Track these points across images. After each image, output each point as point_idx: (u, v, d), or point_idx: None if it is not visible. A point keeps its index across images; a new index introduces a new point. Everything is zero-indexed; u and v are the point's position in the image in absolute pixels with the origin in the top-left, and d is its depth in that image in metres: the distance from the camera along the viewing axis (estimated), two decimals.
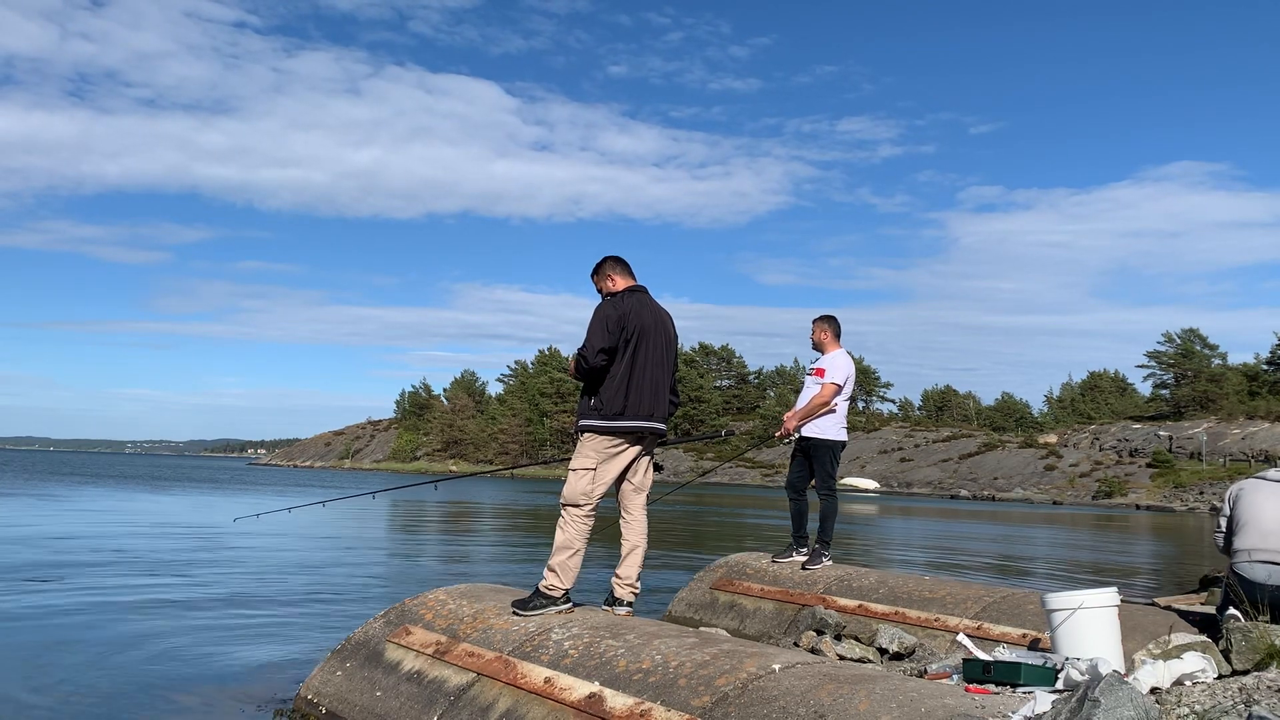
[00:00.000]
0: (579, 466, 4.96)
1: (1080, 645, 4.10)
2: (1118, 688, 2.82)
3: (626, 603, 5.11)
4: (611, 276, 5.20)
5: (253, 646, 6.77)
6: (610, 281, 5.19)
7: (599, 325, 4.93)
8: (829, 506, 7.51)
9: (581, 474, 4.94)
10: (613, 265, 5.23)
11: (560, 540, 4.90)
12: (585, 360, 4.92)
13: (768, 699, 3.41)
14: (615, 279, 5.19)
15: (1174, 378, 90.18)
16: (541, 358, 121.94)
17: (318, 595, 9.43)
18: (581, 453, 4.97)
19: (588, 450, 4.96)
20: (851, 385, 7.69)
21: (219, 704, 5.28)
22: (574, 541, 4.90)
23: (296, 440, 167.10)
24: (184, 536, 15.70)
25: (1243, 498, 5.21)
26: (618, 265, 5.23)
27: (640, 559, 5.15)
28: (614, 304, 5.01)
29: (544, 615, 4.72)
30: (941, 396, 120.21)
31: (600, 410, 4.93)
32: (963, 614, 5.99)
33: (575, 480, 4.94)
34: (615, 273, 5.20)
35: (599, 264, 5.25)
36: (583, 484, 4.92)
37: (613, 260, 5.25)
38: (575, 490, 4.92)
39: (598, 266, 5.25)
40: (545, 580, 4.87)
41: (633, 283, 5.20)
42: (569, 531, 4.91)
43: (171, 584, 9.70)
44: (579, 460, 4.97)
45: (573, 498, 4.92)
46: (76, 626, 7.24)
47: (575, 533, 4.91)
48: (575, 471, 4.95)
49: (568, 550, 4.89)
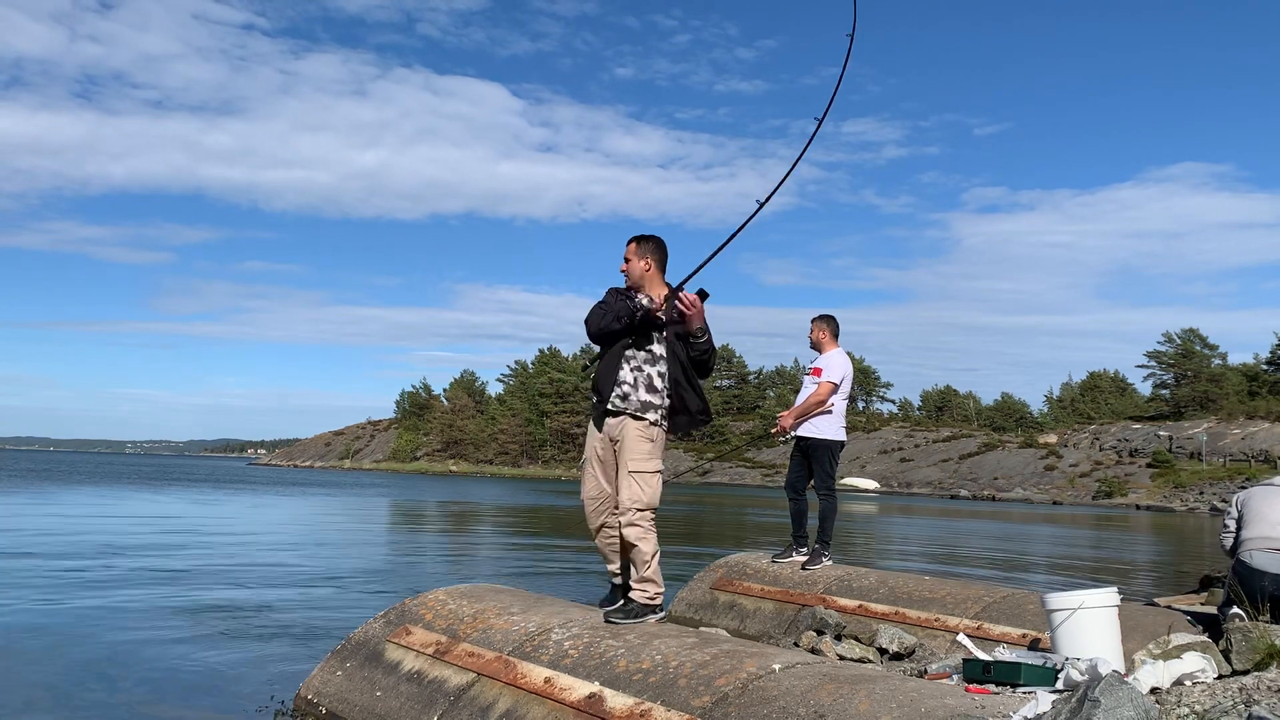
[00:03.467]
0: (657, 469, 4.72)
1: (1080, 645, 4.10)
2: (1118, 688, 2.82)
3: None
4: (664, 270, 4.95)
5: (252, 647, 6.77)
6: (662, 272, 4.93)
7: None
8: (828, 506, 7.51)
9: (659, 475, 4.72)
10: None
11: (648, 548, 4.65)
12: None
13: (768, 699, 3.41)
14: (663, 274, 4.95)
15: (1174, 378, 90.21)
16: (542, 358, 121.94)
17: (317, 595, 9.43)
18: (654, 454, 4.72)
19: (658, 450, 4.74)
20: (849, 385, 7.69)
21: (218, 704, 5.28)
22: (656, 544, 4.71)
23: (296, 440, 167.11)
24: (184, 536, 15.70)
25: (1250, 501, 5.34)
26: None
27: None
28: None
29: (618, 617, 4.56)
30: (941, 396, 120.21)
31: (665, 406, 4.79)
32: (963, 614, 5.99)
33: (657, 484, 4.70)
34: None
35: (663, 245, 4.93)
36: (660, 486, 4.72)
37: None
38: (657, 494, 4.70)
39: (661, 245, 4.92)
40: (646, 592, 4.65)
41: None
42: (652, 537, 4.68)
43: (170, 584, 9.69)
44: (654, 461, 4.71)
45: (655, 501, 4.68)
46: (74, 628, 7.23)
47: (654, 536, 4.71)
48: (656, 474, 4.70)
49: (657, 555, 4.70)
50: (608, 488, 4.81)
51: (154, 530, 16.70)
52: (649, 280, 4.85)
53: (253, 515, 23.06)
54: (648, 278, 4.85)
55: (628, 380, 4.74)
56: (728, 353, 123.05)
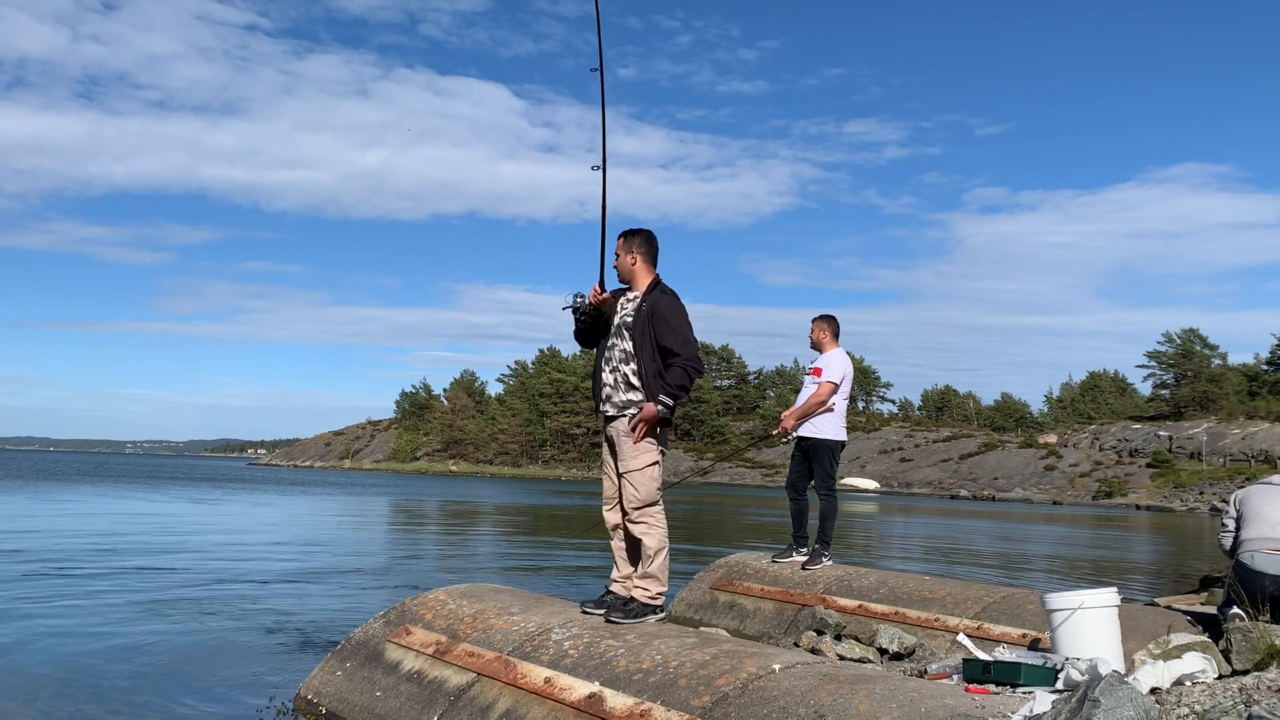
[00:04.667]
0: (653, 461, 4.65)
1: (1080, 645, 4.10)
2: (1118, 688, 2.82)
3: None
4: (654, 263, 4.92)
5: (252, 646, 6.77)
6: (650, 265, 4.90)
7: (682, 319, 4.69)
8: (828, 506, 7.51)
9: (657, 468, 4.67)
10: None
11: (655, 544, 4.62)
12: (690, 362, 4.62)
13: (768, 699, 3.41)
14: (653, 267, 4.92)
15: (1174, 378, 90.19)
16: (542, 358, 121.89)
17: (317, 595, 9.43)
18: (643, 450, 4.64)
19: (647, 445, 4.66)
20: (849, 384, 7.69)
21: (218, 704, 5.28)
22: (665, 540, 4.66)
23: (297, 440, 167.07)
24: (183, 536, 15.70)
25: (1249, 500, 5.30)
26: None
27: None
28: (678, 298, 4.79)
29: (625, 618, 4.52)
30: (941, 396, 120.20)
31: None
32: (963, 614, 5.99)
33: (654, 476, 4.64)
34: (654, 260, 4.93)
35: (652, 238, 4.89)
36: (659, 477, 4.66)
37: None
38: (654, 489, 4.65)
39: (649, 238, 4.88)
40: (648, 590, 4.61)
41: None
42: (659, 532, 4.64)
43: (169, 583, 9.69)
44: (648, 454, 4.64)
45: (655, 495, 4.64)
46: (74, 628, 7.23)
47: (664, 530, 4.66)
48: (652, 467, 4.64)
49: (664, 552, 4.66)
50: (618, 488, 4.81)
51: (153, 530, 16.70)
52: (636, 274, 4.85)
53: (252, 515, 23.06)
54: (635, 271, 4.85)
55: (608, 382, 4.78)
56: (727, 353, 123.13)
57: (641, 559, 4.67)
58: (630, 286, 4.90)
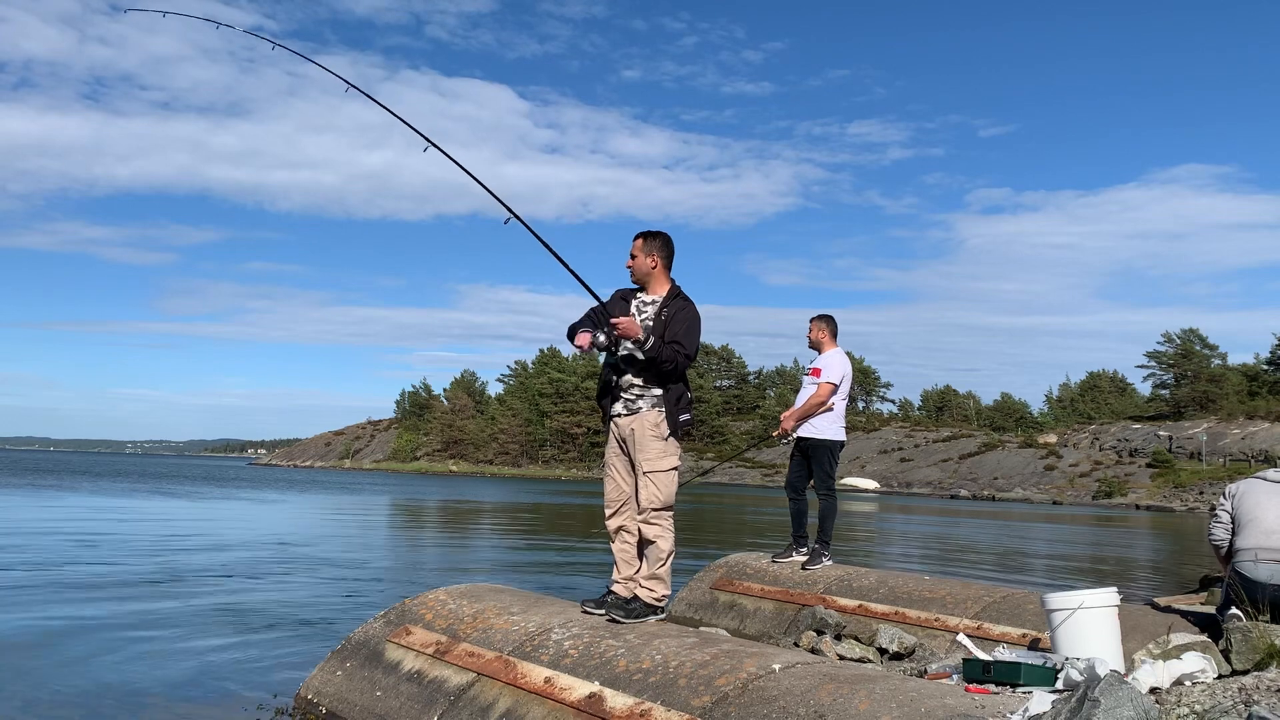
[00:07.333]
0: (672, 466, 4.71)
1: (1080, 645, 4.10)
2: (1117, 688, 2.82)
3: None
4: (670, 267, 4.91)
5: (252, 646, 6.77)
6: (668, 269, 4.89)
7: (697, 327, 4.72)
8: (828, 506, 7.51)
9: (675, 474, 4.72)
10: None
11: (664, 548, 4.67)
12: (689, 361, 4.67)
13: (768, 699, 3.41)
14: (669, 272, 4.91)
15: (1174, 378, 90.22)
16: (542, 358, 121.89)
17: (317, 595, 9.42)
18: (668, 452, 4.69)
19: (674, 448, 4.72)
20: (849, 384, 7.69)
21: (218, 704, 5.28)
22: (673, 545, 4.71)
23: (297, 440, 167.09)
24: (182, 536, 15.69)
25: (1244, 498, 5.18)
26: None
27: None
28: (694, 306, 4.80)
29: (614, 617, 4.56)
30: (941, 396, 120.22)
31: (687, 407, 4.78)
32: (963, 614, 5.99)
33: (672, 481, 4.70)
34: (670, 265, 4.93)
35: (670, 242, 4.89)
36: (676, 483, 4.72)
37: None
38: (672, 492, 4.70)
39: (668, 242, 4.88)
40: (654, 592, 4.65)
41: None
42: (669, 537, 4.69)
43: (169, 583, 9.69)
44: (670, 459, 4.70)
45: (671, 500, 4.69)
46: (73, 627, 7.23)
47: (673, 535, 4.71)
48: (671, 472, 4.70)
49: (671, 556, 4.70)
50: (626, 489, 4.78)
51: (152, 529, 16.69)
52: (654, 278, 4.81)
53: (252, 515, 23.05)
54: (653, 275, 4.81)
55: (623, 384, 4.76)
56: (727, 353, 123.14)
57: (652, 560, 4.68)
58: (643, 288, 4.86)
